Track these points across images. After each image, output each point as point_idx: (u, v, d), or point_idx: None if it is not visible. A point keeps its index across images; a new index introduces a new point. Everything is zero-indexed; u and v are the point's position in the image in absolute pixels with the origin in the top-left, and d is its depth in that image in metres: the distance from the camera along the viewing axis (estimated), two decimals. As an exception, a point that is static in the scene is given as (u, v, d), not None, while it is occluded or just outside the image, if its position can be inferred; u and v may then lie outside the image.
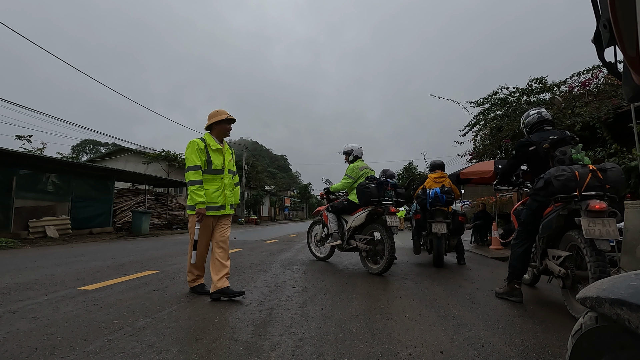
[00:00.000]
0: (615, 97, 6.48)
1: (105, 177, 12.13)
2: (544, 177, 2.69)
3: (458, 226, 5.12)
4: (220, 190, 3.08)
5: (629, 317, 0.65)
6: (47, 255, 5.81)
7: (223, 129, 3.16)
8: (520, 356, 1.85)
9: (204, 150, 3.03)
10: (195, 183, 2.92)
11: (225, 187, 3.12)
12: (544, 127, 3.10)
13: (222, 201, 3.08)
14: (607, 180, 2.49)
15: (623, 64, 0.79)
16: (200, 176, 2.95)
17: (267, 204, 38.88)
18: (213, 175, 3.07)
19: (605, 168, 2.54)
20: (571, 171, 2.52)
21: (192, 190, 2.92)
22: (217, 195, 3.05)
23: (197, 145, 3.00)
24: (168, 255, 5.95)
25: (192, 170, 2.94)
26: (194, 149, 2.98)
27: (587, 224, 2.36)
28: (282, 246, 7.82)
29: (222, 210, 3.09)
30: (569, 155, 2.77)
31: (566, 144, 2.87)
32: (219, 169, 3.10)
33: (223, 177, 3.12)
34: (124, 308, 2.61)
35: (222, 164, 3.13)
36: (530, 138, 3.07)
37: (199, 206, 2.90)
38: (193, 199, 2.91)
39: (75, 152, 62.92)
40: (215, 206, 3.04)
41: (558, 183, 2.53)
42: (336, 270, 4.56)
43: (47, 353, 1.77)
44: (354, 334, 2.12)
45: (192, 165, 2.94)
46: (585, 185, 2.47)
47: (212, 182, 3.05)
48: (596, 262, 2.33)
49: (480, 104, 9.41)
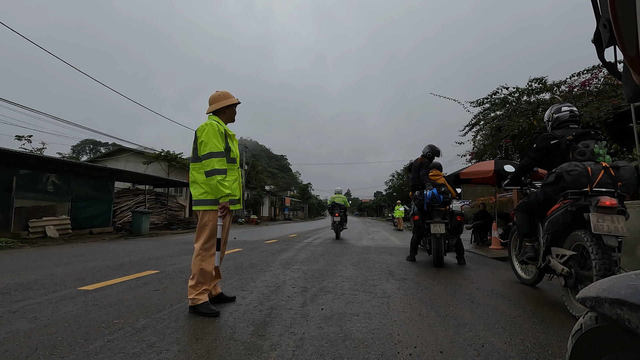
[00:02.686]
0: (615, 97, 6.48)
1: (105, 177, 12.12)
2: (555, 171, 2.70)
3: (457, 226, 5.11)
4: (237, 181, 2.77)
5: (629, 317, 0.65)
6: (47, 255, 5.81)
7: (233, 114, 2.87)
8: (520, 356, 1.85)
9: (223, 135, 2.64)
10: (222, 172, 2.53)
11: (239, 179, 2.83)
12: (570, 126, 3.08)
13: (239, 194, 2.79)
14: (620, 178, 2.50)
15: (623, 64, 0.79)
16: (225, 164, 2.58)
17: (267, 204, 38.87)
18: (231, 164, 2.71)
19: (618, 166, 2.55)
20: (584, 167, 2.53)
21: (219, 180, 2.49)
22: (235, 187, 2.73)
23: (217, 127, 2.59)
24: (168, 255, 5.95)
25: (216, 158, 2.52)
26: (215, 132, 2.57)
27: (596, 219, 2.37)
28: (282, 246, 7.82)
29: (238, 205, 2.79)
30: (591, 148, 2.77)
31: (590, 138, 2.86)
32: (235, 157, 2.77)
33: (238, 167, 2.83)
34: (124, 308, 2.60)
35: (237, 153, 2.84)
36: (554, 132, 3.06)
37: (225, 199, 2.52)
38: (219, 191, 2.50)
39: (75, 152, 62.91)
40: (234, 200, 2.71)
41: (570, 178, 2.54)
42: (336, 270, 4.56)
43: (47, 353, 1.78)
44: (354, 334, 2.12)
45: (217, 152, 2.53)
46: (597, 182, 2.48)
47: (231, 173, 2.70)
48: (601, 259, 2.33)
49: (480, 104, 9.41)
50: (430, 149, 5.55)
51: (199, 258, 2.53)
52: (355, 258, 5.86)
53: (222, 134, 2.61)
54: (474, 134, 10.13)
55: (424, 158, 5.54)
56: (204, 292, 2.54)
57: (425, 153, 5.57)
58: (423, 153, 5.62)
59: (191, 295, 2.50)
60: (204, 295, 2.54)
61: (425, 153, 5.57)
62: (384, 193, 57.42)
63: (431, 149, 5.56)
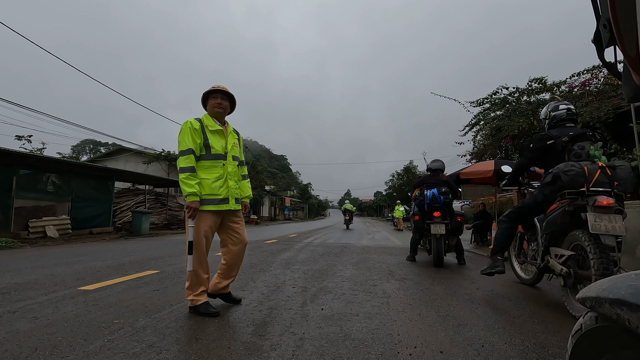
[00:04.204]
0: (615, 97, 6.48)
1: (105, 177, 12.12)
2: (552, 171, 2.71)
3: (457, 226, 5.11)
4: (222, 179, 2.55)
5: (629, 317, 0.65)
6: (47, 255, 5.81)
7: (210, 106, 2.65)
8: (520, 356, 1.85)
9: (199, 132, 2.51)
10: (186, 170, 2.41)
11: (229, 176, 2.60)
12: (566, 124, 3.07)
13: (224, 193, 2.55)
14: (616, 178, 2.50)
15: (623, 64, 0.79)
16: (192, 162, 2.44)
17: (267, 204, 38.85)
18: (212, 161, 2.55)
19: (614, 165, 2.56)
20: (580, 167, 2.54)
21: (182, 179, 2.40)
22: (217, 186, 2.52)
23: (190, 125, 2.49)
24: (168, 255, 5.95)
25: (183, 156, 2.43)
26: (187, 130, 2.47)
27: (594, 219, 2.37)
28: (282, 246, 7.82)
29: (224, 205, 2.55)
30: (586, 150, 2.77)
31: (586, 139, 2.86)
32: (219, 153, 2.57)
33: (225, 163, 2.59)
34: (124, 308, 2.60)
35: (224, 148, 2.61)
36: (550, 132, 3.06)
37: (189, 198, 2.38)
38: (183, 190, 2.41)
39: (75, 152, 62.92)
40: (216, 199, 2.51)
41: (567, 178, 2.55)
42: (336, 270, 4.56)
43: (47, 353, 1.77)
44: (354, 334, 2.12)
45: (184, 149, 2.44)
46: (594, 182, 2.48)
47: (211, 170, 2.54)
48: (600, 259, 2.33)
49: (480, 104, 9.41)
50: (430, 165, 5.80)
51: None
52: (355, 258, 5.86)
53: (196, 131, 2.49)
54: (474, 134, 10.13)
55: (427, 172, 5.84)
56: (202, 293, 2.51)
57: (427, 169, 5.87)
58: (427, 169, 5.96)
59: (189, 297, 2.49)
60: (203, 295, 2.51)
61: (427, 169, 5.87)
62: (384, 193, 57.39)
63: (431, 165, 5.80)
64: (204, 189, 2.50)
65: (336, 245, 8.32)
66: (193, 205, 2.39)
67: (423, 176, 5.82)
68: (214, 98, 2.65)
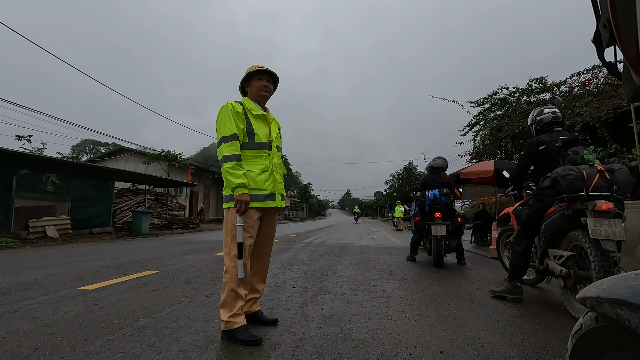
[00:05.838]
0: (615, 97, 6.49)
1: (105, 177, 12.12)
2: (550, 176, 2.68)
3: (458, 227, 5.11)
4: (267, 172, 2.16)
5: (629, 317, 0.65)
6: (47, 255, 5.81)
7: (256, 88, 2.26)
8: (520, 356, 1.85)
9: (242, 116, 2.13)
10: (231, 159, 2.02)
11: (275, 169, 2.21)
12: (554, 128, 3.08)
13: (271, 188, 2.16)
14: (615, 181, 2.49)
15: (623, 64, 0.79)
16: (238, 149, 2.06)
17: (267, 204, 38.80)
18: (257, 150, 2.16)
19: (613, 169, 2.55)
20: (579, 171, 2.52)
21: (227, 169, 2.01)
22: (263, 179, 2.13)
23: (232, 108, 2.11)
24: (168, 255, 5.95)
25: (226, 142, 2.05)
26: (229, 114, 2.09)
27: (594, 224, 2.36)
28: (282, 246, 7.81)
29: (271, 202, 2.16)
30: (581, 155, 2.76)
31: (579, 144, 2.86)
32: (264, 141, 2.18)
33: (271, 153, 2.20)
34: (124, 308, 2.60)
35: (269, 136, 2.22)
36: (540, 137, 3.06)
37: (238, 191, 1.99)
38: (228, 181, 2.01)
39: (75, 152, 62.99)
40: (261, 194, 2.12)
41: (565, 182, 2.53)
42: (336, 270, 4.56)
43: (47, 353, 1.78)
44: (354, 334, 2.12)
45: (227, 135, 2.05)
46: (593, 186, 2.47)
47: (255, 161, 2.15)
48: (600, 261, 2.32)
49: (480, 104, 9.42)
50: (430, 165, 5.80)
51: (224, 269, 2.07)
52: (355, 258, 5.86)
53: (239, 114, 2.12)
54: (474, 134, 10.15)
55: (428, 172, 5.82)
56: (239, 314, 2.01)
57: (427, 168, 5.88)
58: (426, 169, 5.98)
59: (223, 317, 1.99)
60: (240, 317, 2.00)
61: (426, 169, 5.91)
62: (384, 193, 57.39)
63: (433, 163, 5.78)
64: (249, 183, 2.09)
65: (336, 245, 8.32)
66: (243, 199, 1.99)
67: (424, 177, 5.77)
68: (260, 80, 2.26)
